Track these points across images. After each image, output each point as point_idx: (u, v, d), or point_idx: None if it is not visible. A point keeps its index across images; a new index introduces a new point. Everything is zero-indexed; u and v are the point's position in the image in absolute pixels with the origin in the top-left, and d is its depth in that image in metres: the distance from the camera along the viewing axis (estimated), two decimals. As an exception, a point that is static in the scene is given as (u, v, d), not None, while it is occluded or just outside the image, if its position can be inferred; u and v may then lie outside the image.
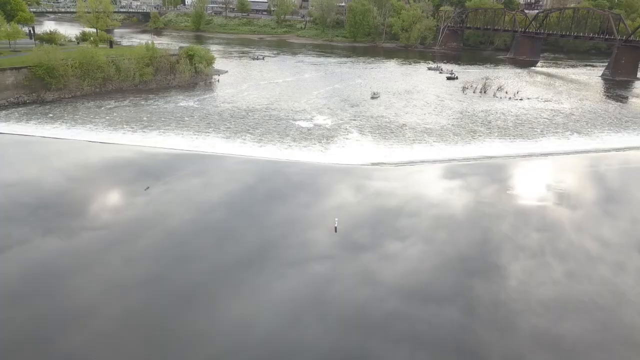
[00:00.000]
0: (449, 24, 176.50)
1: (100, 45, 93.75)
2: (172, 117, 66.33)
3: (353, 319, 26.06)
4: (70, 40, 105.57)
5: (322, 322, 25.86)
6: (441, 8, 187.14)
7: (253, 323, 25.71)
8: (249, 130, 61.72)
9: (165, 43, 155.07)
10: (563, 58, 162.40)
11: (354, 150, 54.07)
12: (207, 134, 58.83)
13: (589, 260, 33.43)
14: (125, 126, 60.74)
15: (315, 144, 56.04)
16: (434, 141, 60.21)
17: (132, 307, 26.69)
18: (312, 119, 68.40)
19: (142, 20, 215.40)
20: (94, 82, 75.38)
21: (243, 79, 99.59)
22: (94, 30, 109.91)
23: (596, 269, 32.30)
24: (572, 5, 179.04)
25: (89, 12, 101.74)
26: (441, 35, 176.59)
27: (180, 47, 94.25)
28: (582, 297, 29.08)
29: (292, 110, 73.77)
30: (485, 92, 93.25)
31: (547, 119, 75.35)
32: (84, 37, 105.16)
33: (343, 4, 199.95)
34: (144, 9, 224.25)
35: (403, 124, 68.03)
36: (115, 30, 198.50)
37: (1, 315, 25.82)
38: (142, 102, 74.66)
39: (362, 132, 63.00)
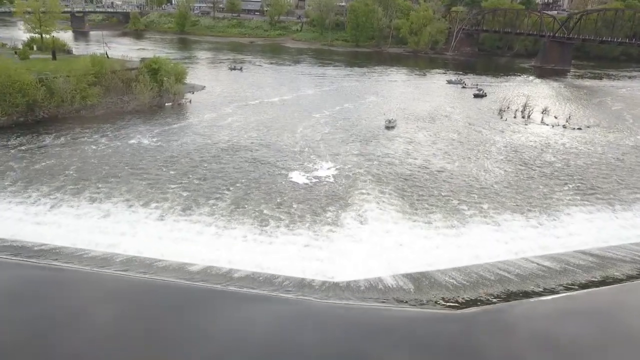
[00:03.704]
0: (463, 27, 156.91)
1: (41, 56, 73.97)
2: (112, 167, 46.53)
3: None
4: (13, 48, 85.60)
5: None
6: (453, 8, 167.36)
7: None
8: (217, 191, 41.86)
9: (150, 48, 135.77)
10: (594, 66, 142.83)
11: (375, 238, 34.23)
12: (151, 205, 38.62)
13: None
14: (33, 190, 40.53)
15: (314, 225, 36.08)
16: (489, 209, 40.46)
17: None
18: (312, 167, 48.70)
19: (122, 21, 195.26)
20: (13, 109, 55.46)
21: (227, 97, 79.70)
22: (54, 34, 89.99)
23: None
24: (599, 6, 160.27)
25: (29, 13, 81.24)
26: (455, 39, 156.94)
27: (142, 59, 74.34)
28: None
29: (286, 149, 54.16)
30: (528, 116, 73.76)
31: (629, 162, 55.71)
32: (29, 45, 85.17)
33: (343, 4, 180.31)
34: (124, 9, 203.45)
35: (437, 174, 48.51)
36: (92, 32, 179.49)
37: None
38: (81, 138, 54.82)
39: (383, 191, 43.37)
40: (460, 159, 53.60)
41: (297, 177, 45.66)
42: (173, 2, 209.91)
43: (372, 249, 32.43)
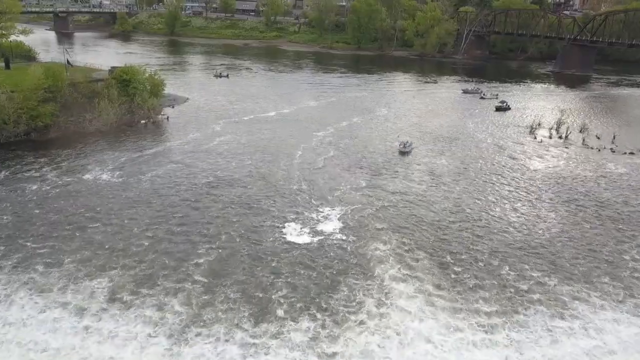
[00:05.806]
0: (473, 28, 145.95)
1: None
2: (56, 214, 35.63)
3: None
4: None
5: None
6: (462, 9, 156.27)
7: None
8: (187, 258, 30.90)
9: (136, 52, 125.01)
10: (617, 71, 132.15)
11: (404, 349, 23.24)
12: (93, 286, 27.58)
13: None
14: None
15: (317, 323, 25.11)
16: (556, 285, 29.62)
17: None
18: (314, 216, 37.54)
19: (110, 22, 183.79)
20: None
21: (215, 111, 68.47)
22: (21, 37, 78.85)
23: None
24: (617, 6, 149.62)
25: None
26: (464, 41, 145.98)
27: (112, 68, 63.16)
28: None
29: (282, 185, 43.20)
30: (566, 136, 62.79)
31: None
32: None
33: (344, 4, 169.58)
34: (112, 9, 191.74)
35: (474, 223, 37.62)
36: (77, 34, 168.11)
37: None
38: (25, 172, 43.53)
39: (406, 252, 32.48)
40: (499, 199, 42.65)
41: (295, 232, 34.64)
42: (165, 2, 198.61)
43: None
